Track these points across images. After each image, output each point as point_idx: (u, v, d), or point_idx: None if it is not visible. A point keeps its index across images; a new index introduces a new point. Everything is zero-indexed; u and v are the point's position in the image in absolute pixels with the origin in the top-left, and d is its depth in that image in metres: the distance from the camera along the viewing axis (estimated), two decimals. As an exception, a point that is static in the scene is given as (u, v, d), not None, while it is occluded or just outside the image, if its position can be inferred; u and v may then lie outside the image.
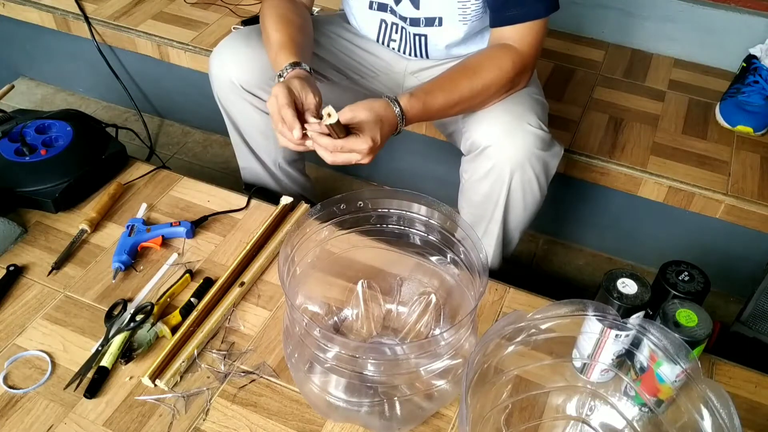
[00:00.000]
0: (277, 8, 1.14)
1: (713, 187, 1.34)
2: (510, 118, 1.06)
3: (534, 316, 0.76)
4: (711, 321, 0.82)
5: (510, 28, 1.06)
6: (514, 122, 1.06)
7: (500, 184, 1.09)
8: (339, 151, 0.94)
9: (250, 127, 1.28)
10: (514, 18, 1.05)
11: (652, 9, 1.66)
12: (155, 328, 0.98)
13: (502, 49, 1.07)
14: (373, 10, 1.19)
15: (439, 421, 0.90)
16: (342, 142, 0.93)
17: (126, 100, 1.85)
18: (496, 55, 1.07)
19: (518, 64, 1.06)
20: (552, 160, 1.11)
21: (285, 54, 1.05)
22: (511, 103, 1.09)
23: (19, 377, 0.94)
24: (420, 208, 0.90)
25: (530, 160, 1.06)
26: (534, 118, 1.07)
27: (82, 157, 1.23)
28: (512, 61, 1.06)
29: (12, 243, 1.13)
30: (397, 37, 1.22)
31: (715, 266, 1.14)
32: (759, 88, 1.45)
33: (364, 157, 0.95)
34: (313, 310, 0.98)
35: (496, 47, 1.07)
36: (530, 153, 1.06)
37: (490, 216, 1.17)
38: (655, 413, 0.83)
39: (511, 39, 1.06)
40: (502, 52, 1.06)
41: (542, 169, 1.09)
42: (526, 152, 1.06)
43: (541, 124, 1.07)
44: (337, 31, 1.29)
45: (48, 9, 1.77)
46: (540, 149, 1.06)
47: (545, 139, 1.07)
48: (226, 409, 0.91)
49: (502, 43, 1.07)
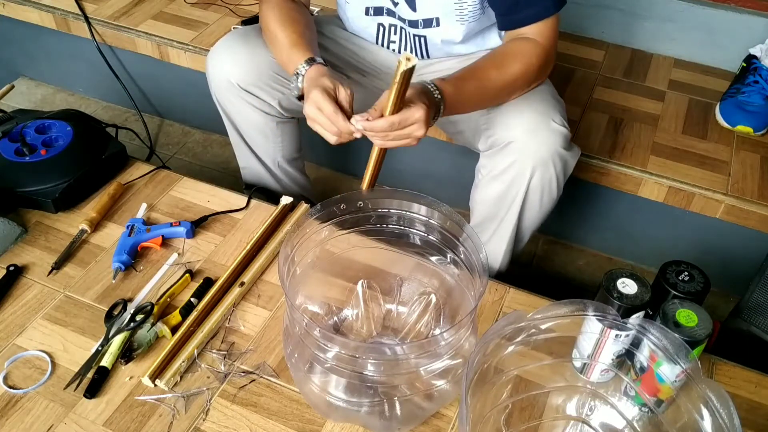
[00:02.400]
0: (279, 8, 1.13)
1: (713, 187, 1.34)
2: (535, 115, 1.05)
3: (534, 316, 0.76)
4: (711, 321, 0.82)
5: (526, 27, 1.05)
6: (540, 119, 1.05)
7: (521, 180, 1.08)
8: (397, 128, 0.92)
9: (248, 126, 1.28)
10: (526, 19, 1.04)
11: (652, 9, 1.66)
12: (155, 328, 0.98)
13: (526, 42, 1.05)
14: (369, 15, 1.19)
15: (439, 421, 0.90)
16: (398, 117, 0.90)
17: (126, 100, 1.84)
18: (521, 48, 1.06)
19: (542, 57, 1.06)
20: (571, 160, 1.10)
21: (298, 52, 1.05)
22: (535, 100, 1.08)
23: (19, 377, 0.94)
24: (420, 208, 0.90)
25: (553, 158, 1.06)
26: (558, 115, 1.07)
27: (82, 157, 1.23)
28: (537, 54, 1.05)
29: (12, 243, 1.13)
30: (396, 38, 1.22)
31: (715, 266, 1.14)
32: (759, 88, 1.45)
33: (420, 126, 0.92)
34: (313, 310, 0.98)
35: (520, 41, 1.06)
36: (554, 151, 1.05)
37: (504, 214, 1.16)
38: (655, 413, 0.83)
39: (531, 34, 1.05)
40: (527, 45, 1.05)
41: (562, 168, 1.09)
42: (550, 150, 1.05)
43: (565, 123, 1.07)
44: (336, 32, 1.29)
45: (48, 9, 1.77)
46: (563, 148, 1.06)
47: (568, 137, 1.07)
48: (226, 409, 0.91)
49: (524, 37, 1.06)
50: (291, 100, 1.23)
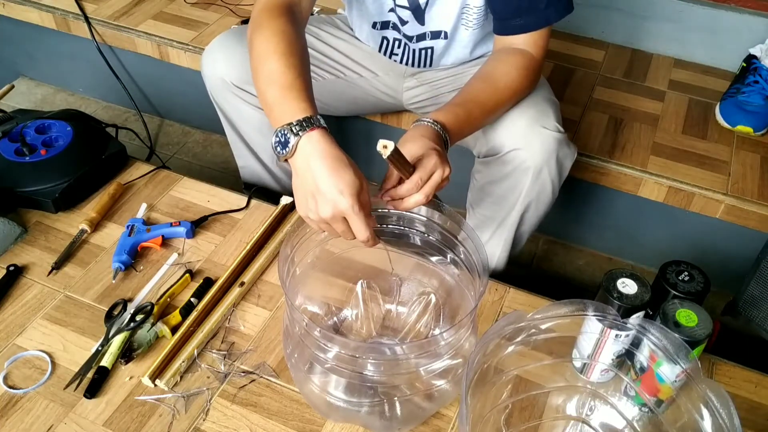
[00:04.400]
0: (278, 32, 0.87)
1: (713, 187, 1.34)
2: (527, 122, 1.05)
3: (534, 316, 0.76)
4: (711, 321, 0.82)
5: (521, 36, 1.03)
6: (532, 126, 1.04)
7: (517, 188, 1.09)
8: (423, 183, 0.81)
9: (245, 123, 1.28)
10: (524, 27, 1.02)
11: (652, 9, 1.66)
12: (155, 328, 0.98)
13: (516, 54, 1.03)
14: (376, 29, 1.19)
15: (439, 421, 0.90)
16: (417, 175, 0.81)
17: (126, 100, 1.84)
18: (512, 61, 1.03)
19: (533, 69, 1.04)
20: (567, 162, 1.10)
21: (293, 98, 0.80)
22: (527, 107, 1.07)
23: (19, 377, 0.94)
24: (420, 208, 0.90)
25: (548, 163, 1.05)
26: (550, 120, 1.06)
27: (82, 157, 1.23)
28: (528, 67, 1.03)
29: (12, 243, 1.13)
30: (399, 51, 1.22)
31: (715, 266, 1.14)
32: (759, 88, 1.45)
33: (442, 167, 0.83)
34: (312, 310, 0.98)
35: (510, 52, 1.04)
36: (548, 157, 1.05)
37: (502, 218, 1.17)
38: (655, 413, 0.83)
39: (523, 44, 1.03)
40: (518, 58, 1.03)
41: (558, 171, 1.08)
42: (544, 155, 1.05)
43: (558, 126, 1.06)
44: (337, 33, 1.29)
45: (48, 9, 1.77)
46: (558, 151, 1.06)
47: (562, 140, 1.06)
48: (226, 409, 0.91)
49: (513, 47, 1.04)
50: None
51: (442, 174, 0.83)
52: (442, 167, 0.83)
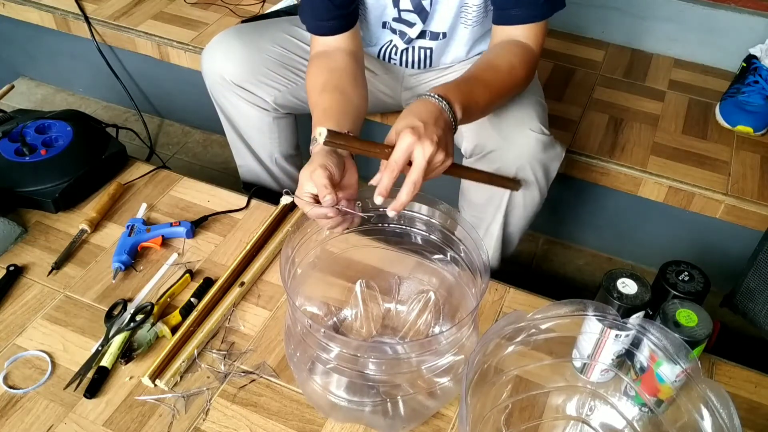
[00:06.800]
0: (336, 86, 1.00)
1: (713, 187, 1.34)
2: (511, 123, 1.06)
3: (534, 316, 0.76)
4: (711, 321, 0.82)
5: (518, 26, 1.03)
6: (516, 127, 1.05)
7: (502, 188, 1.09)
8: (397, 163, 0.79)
9: (244, 122, 1.29)
10: (521, 18, 1.02)
11: (652, 9, 1.66)
12: (155, 328, 0.98)
13: (516, 45, 1.03)
14: (386, 29, 1.18)
15: (439, 421, 0.90)
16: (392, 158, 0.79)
17: (126, 100, 1.85)
18: (513, 50, 1.02)
19: (531, 62, 1.04)
20: (552, 163, 1.11)
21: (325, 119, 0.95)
22: (512, 108, 1.08)
23: (19, 377, 0.94)
24: (420, 207, 0.90)
25: (531, 164, 1.06)
26: (535, 122, 1.06)
27: (82, 157, 1.23)
28: (527, 59, 1.03)
29: (12, 243, 1.13)
30: (396, 58, 1.22)
31: (715, 266, 1.14)
32: (759, 88, 1.45)
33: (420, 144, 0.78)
34: (312, 310, 0.98)
35: (510, 43, 1.03)
36: (531, 157, 1.06)
37: (491, 218, 1.17)
38: (655, 413, 0.83)
39: (522, 36, 1.03)
40: (518, 48, 1.02)
41: (543, 172, 1.09)
42: (527, 157, 1.06)
43: (542, 128, 1.07)
44: None
45: (48, 9, 1.77)
46: (541, 152, 1.06)
47: (546, 142, 1.07)
48: (226, 409, 0.91)
49: (512, 39, 1.04)
50: (286, 96, 1.24)
51: (423, 153, 0.78)
52: (421, 144, 0.77)
